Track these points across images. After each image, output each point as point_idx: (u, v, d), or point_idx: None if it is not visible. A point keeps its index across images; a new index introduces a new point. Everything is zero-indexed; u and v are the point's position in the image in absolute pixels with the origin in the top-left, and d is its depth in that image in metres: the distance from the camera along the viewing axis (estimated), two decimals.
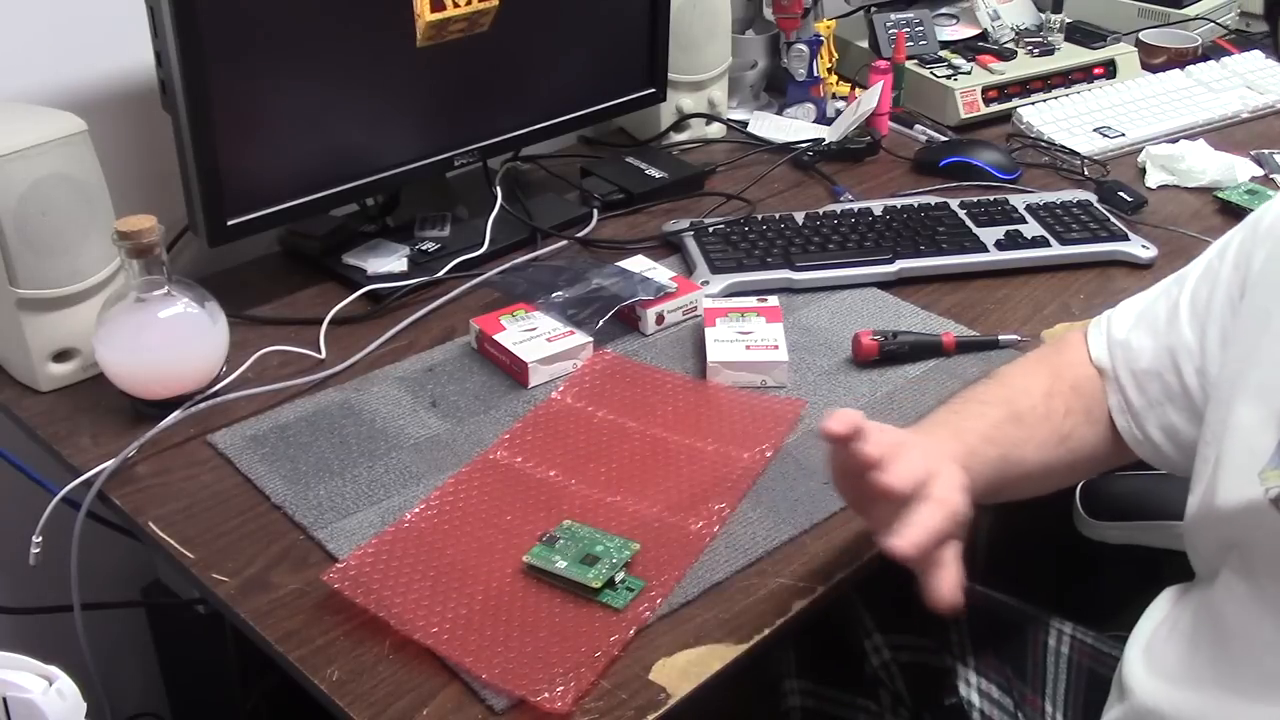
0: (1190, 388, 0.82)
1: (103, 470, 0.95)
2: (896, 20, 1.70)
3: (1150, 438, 0.86)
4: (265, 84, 1.10)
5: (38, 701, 0.67)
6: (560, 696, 0.75)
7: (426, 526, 0.90)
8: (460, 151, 1.28)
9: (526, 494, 0.94)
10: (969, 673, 1.00)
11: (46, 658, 0.69)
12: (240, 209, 1.12)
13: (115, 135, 1.16)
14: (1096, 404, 0.89)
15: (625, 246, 1.30)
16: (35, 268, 1.01)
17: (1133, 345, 0.87)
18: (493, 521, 0.91)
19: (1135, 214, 1.37)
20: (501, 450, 0.99)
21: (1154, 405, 0.85)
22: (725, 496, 0.92)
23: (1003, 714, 0.98)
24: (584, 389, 1.06)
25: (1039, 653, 1.00)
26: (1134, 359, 0.86)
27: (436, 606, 0.83)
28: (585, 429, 1.01)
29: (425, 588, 0.84)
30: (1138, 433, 0.86)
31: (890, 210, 1.31)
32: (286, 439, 1.00)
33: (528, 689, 0.75)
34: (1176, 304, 0.85)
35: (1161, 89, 1.67)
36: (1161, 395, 0.84)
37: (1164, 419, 0.85)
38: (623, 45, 1.40)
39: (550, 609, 0.82)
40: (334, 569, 0.86)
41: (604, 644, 0.79)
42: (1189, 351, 0.82)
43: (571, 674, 0.76)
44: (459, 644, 0.79)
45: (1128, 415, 0.87)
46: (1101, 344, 0.89)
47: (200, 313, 1.02)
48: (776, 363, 1.06)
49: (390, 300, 1.19)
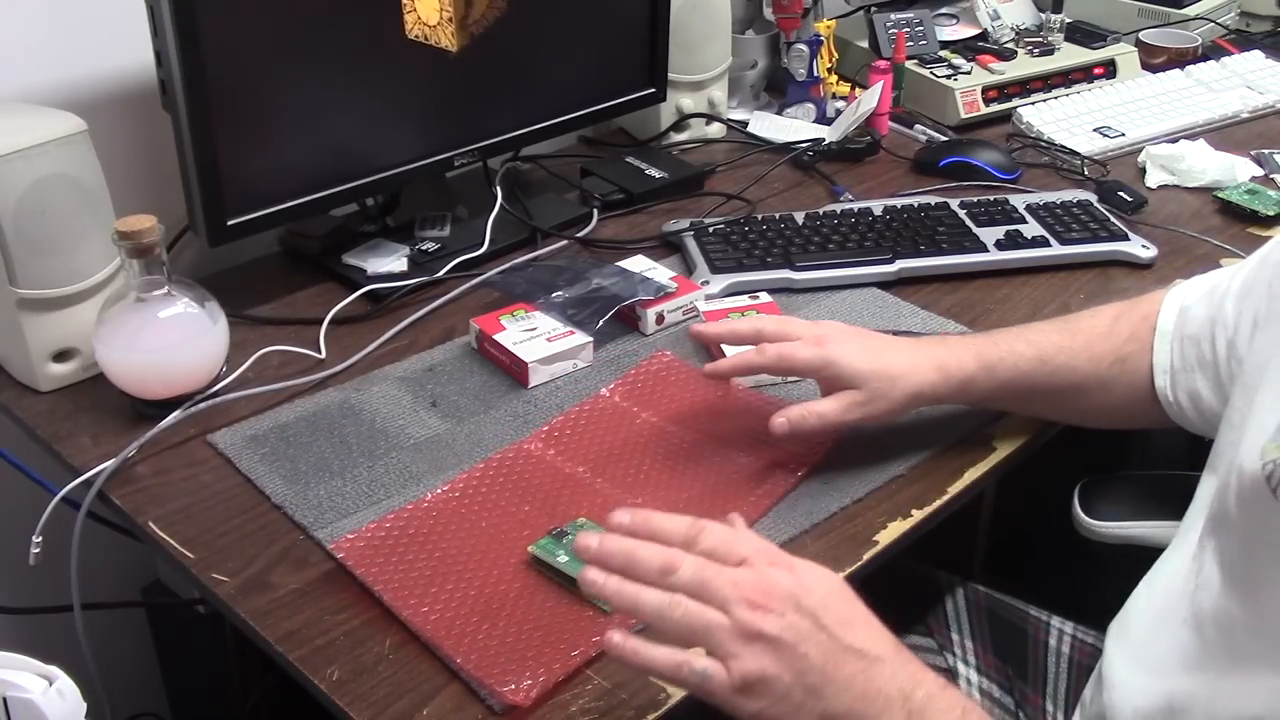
0: (1219, 358, 0.86)
1: (103, 470, 0.95)
2: (896, 20, 1.70)
3: (1178, 400, 0.90)
4: (265, 84, 1.10)
5: (38, 701, 0.67)
6: (525, 690, 0.75)
7: (444, 509, 0.91)
8: (460, 151, 1.28)
9: (550, 487, 0.94)
10: (970, 672, 1.00)
11: (46, 658, 0.69)
12: (240, 209, 1.12)
13: (115, 135, 1.16)
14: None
15: (625, 246, 1.30)
16: (35, 268, 1.01)
17: (1190, 311, 0.91)
18: (510, 511, 0.91)
19: (1135, 214, 1.37)
20: (537, 441, 0.99)
21: (1188, 369, 0.89)
22: (745, 511, 0.91)
23: (1004, 713, 0.99)
24: (634, 389, 1.06)
25: (1040, 652, 1.00)
26: (1186, 324, 0.90)
27: (432, 588, 0.83)
28: (625, 429, 1.01)
29: (428, 568, 0.85)
30: (1169, 394, 0.91)
31: (890, 210, 1.31)
32: (286, 439, 1.00)
33: (496, 679, 0.76)
34: (1232, 280, 0.87)
35: (1161, 89, 1.67)
36: (1195, 361, 0.88)
37: (1192, 384, 0.89)
38: (623, 45, 1.40)
39: (543, 602, 0.83)
40: (344, 539, 0.87)
41: (583, 644, 0.79)
42: (1224, 324, 0.86)
43: (543, 669, 0.77)
44: (444, 626, 0.80)
45: (1167, 375, 0.91)
46: (1174, 304, 0.93)
47: (200, 313, 1.02)
48: None
49: (390, 300, 1.19)
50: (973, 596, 1.06)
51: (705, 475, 0.95)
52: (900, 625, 1.01)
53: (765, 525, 0.90)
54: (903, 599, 1.05)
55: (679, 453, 0.98)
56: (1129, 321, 0.94)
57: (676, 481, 0.95)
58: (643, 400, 1.05)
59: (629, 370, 1.08)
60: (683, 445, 0.99)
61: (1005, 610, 1.04)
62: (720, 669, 0.64)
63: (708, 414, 1.03)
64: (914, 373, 0.91)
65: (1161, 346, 0.91)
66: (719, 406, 1.03)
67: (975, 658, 1.01)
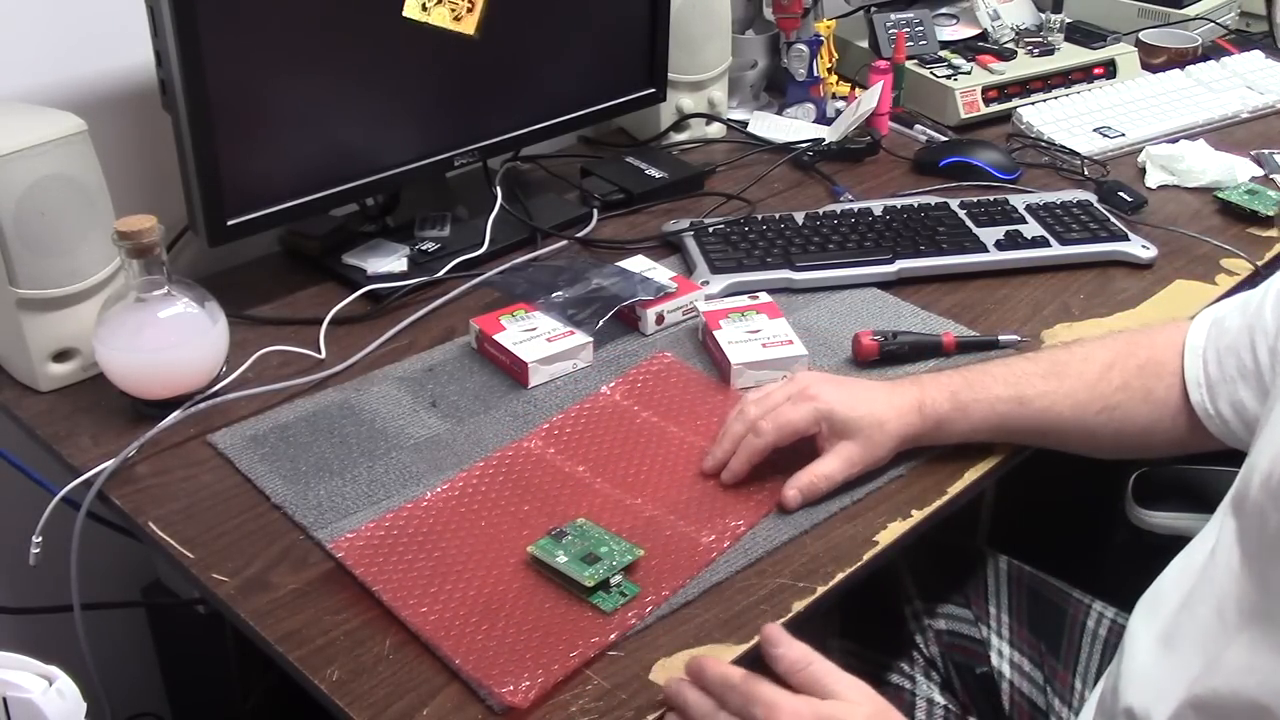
0: (1261, 365, 0.86)
1: (103, 470, 0.95)
2: (896, 20, 1.70)
3: (1220, 413, 0.89)
4: (265, 84, 1.10)
5: (38, 701, 0.67)
6: (524, 691, 0.75)
7: (444, 508, 0.91)
8: (460, 151, 1.28)
9: (550, 486, 0.94)
10: (1003, 644, 1.03)
11: (46, 658, 0.69)
12: (240, 209, 1.12)
13: (115, 135, 1.16)
14: (1161, 386, 0.93)
15: (625, 246, 1.30)
16: (35, 268, 1.01)
17: (1224, 323, 0.91)
18: (510, 510, 0.91)
19: (1135, 214, 1.37)
20: (537, 439, 0.99)
21: (1228, 380, 0.89)
22: (745, 514, 0.91)
23: (1032, 686, 1.00)
24: (635, 388, 1.06)
25: (1076, 632, 1.02)
26: (1221, 335, 0.90)
27: (431, 587, 0.83)
28: (626, 428, 1.01)
29: (427, 567, 0.85)
30: (1209, 407, 0.90)
31: (890, 210, 1.31)
32: (286, 439, 1.00)
33: (495, 679, 0.76)
34: (1269, 289, 0.88)
35: (1161, 89, 1.67)
36: (1236, 372, 0.88)
37: (1235, 395, 0.88)
38: (623, 45, 1.40)
39: (542, 603, 0.83)
40: (343, 539, 0.87)
41: (582, 645, 0.79)
42: (1265, 331, 0.86)
43: (541, 670, 0.77)
44: (443, 626, 0.80)
45: (1203, 389, 0.90)
46: (1205, 319, 0.93)
47: (200, 313, 1.02)
48: (796, 357, 1.07)
49: (390, 300, 1.19)
50: (1015, 574, 1.08)
51: (706, 477, 0.95)
52: (940, 595, 1.02)
53: (765, 526, 0.91)
54: (945, 569, 1.08)
55: (679, 453, 0.98)
56: (1122, 371, 0.93)
57: (676, 482, 0.95)
58: (643, 399, 1.05)
59: (630, 369, 1.09)
60: (683, 446, 0.99)
61: (1047, 590, 1.06)
62: None
63: (708, 415, 1.02)
64: (898, 416, 0.92)
65: (1193, 362, 0.91)
66: (720, 408, 1.03)
67: (1010, 631, 1.04)
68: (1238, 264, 1.28)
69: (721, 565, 0.87)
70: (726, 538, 0.89)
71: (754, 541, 0.89)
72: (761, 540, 0.89)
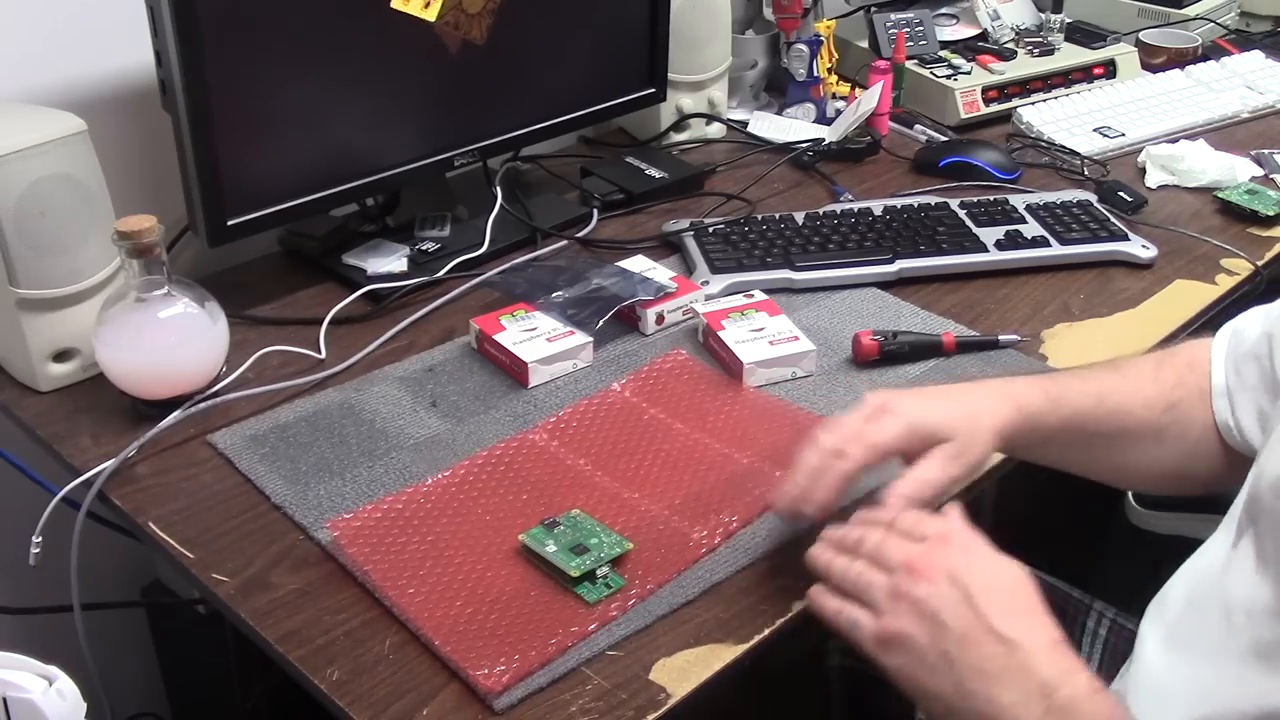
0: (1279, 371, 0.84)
1: (103, 470, 0.95)
2: (896, 20, 1.70)
3: (1240, 424, 0.87)
4: (265, 84, 1.10)
5: (38, 701, 0.67)
6: (498, 676, 0.75)
7: (442, 494, 0.92)
8: (460, 151, 1.28)
9: (550, 477, 0.94)
10: None
11: (46, 658, 0.69)
12: (240, 209, 1.12)
13: (115, 135, 1.16)
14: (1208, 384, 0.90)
15: (625, 246, 1.30)
16: (35, 268, 1.01)
17: (1243, 331, 0.89)
18: (507, 499, 0.92)
19: (1135, 214, 1.37)
20: (542, 432, 1.00)
21: (1248, 388, 0.87)
22: (739, 510, 0.91)
23: None
24: (645, 385, 1.06)
25: (1075, 632, 1.02)
26: (1240, 343, 0.89)
27: (420, 571, 0.84)
28: (632, 424, 1.01)
29: (418, 551, 0.86)
30: (1230, 419, 0.88)
31: (890, 210, 1.31)
32: (286, 439, 1.00)
33: (471, 662, 0.76)
34: None
35: (1161, 89, 1.67)
36: (1256, 379, 0.86)
37: (1257, 403, 0.86)
38: (623, 45, 1.40)
39: (527, 591, 0.83)
40: (339, 518, 0.88)
41: (561, 633, 0.79)
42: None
43: (518, 656, 0.77)
44: (428, 610, 0.81)
45: (1225, 398, 0.88)
46: (1227, 330, 0.91)
47: (200, 313, 1.02)
48: (805, 353, 1.07)
49: (390, 300, 1.19)
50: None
51: (705, 474, 0.95)
52: None
53: (765, 526, 0.91)
54: None
55: (682, 450, 0.98)
56: (1173, 368, 0.91)
57: (675, 479, 0.95)
58: (652, 397, 1.05)
59: (641, 367, 1.09)
60: (686, 443, 0.99)
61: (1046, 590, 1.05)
62: (870, 620, 0.72)
63: (716, 413, 1.03)
64: (992, 409, 0.85)
65: (1216, 370, 0.89)
66: (728, 406, 1.03)
67: None
68: (1238, 264, 1.28)
69: (721, 565, 0.87)
70: (718, 534, 0.89)
71: (754, 541, 0.89)
72: (761, 540, 0.89)
